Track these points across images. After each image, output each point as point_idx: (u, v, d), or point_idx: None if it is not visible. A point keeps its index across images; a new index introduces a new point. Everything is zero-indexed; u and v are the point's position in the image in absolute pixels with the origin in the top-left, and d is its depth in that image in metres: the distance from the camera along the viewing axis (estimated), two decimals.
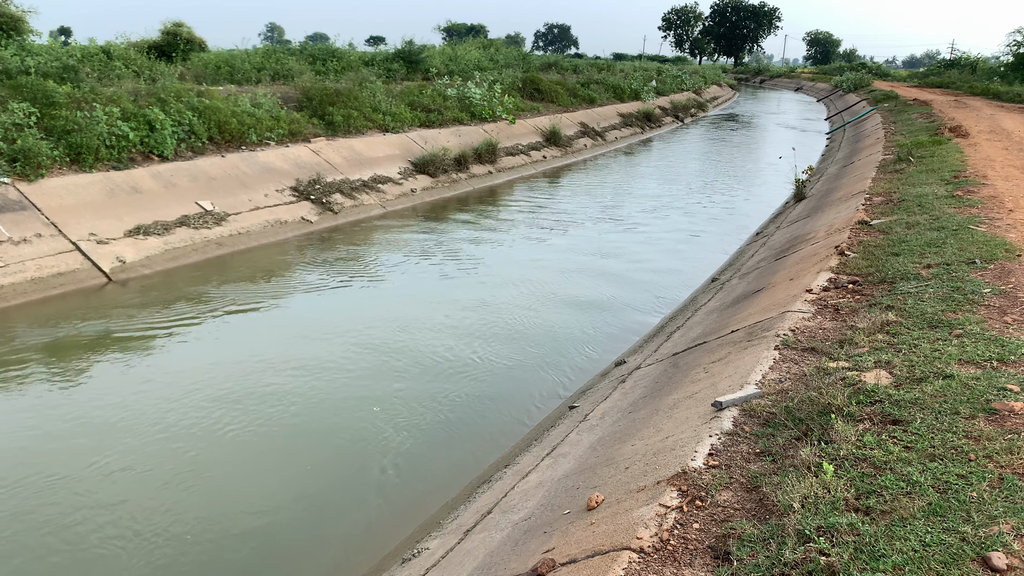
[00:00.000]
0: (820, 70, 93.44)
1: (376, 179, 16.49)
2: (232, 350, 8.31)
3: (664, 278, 11.60)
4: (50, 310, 9.17)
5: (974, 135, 18.04)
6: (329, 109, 18.01)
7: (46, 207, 10.66)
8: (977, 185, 11.05)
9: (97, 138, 12.07)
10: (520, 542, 4.02)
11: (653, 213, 16.59)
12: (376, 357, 8.13)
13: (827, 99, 53.11)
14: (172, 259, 11.18)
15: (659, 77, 46.59)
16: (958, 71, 49.85)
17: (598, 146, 27.47)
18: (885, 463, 3.56)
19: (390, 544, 5.21)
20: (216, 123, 14.60)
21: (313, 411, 6.90)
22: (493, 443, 6.57)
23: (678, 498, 3.60)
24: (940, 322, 5.39)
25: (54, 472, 5.81)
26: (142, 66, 17.19)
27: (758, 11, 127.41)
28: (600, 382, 7.54)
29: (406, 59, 27.25)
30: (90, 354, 8.06)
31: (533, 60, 37.99)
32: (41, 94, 12.10)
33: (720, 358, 5.92)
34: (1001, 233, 8.00)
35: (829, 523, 3.10)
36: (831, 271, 7.41)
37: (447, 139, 20.13)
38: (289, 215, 13.70)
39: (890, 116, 26.93)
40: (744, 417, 4.38)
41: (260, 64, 22.31)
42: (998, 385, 4.26)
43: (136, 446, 6.21)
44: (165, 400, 6.97)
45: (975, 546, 2.90)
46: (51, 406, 6.87)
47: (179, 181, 12.84)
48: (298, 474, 5.95)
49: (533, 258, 12.48)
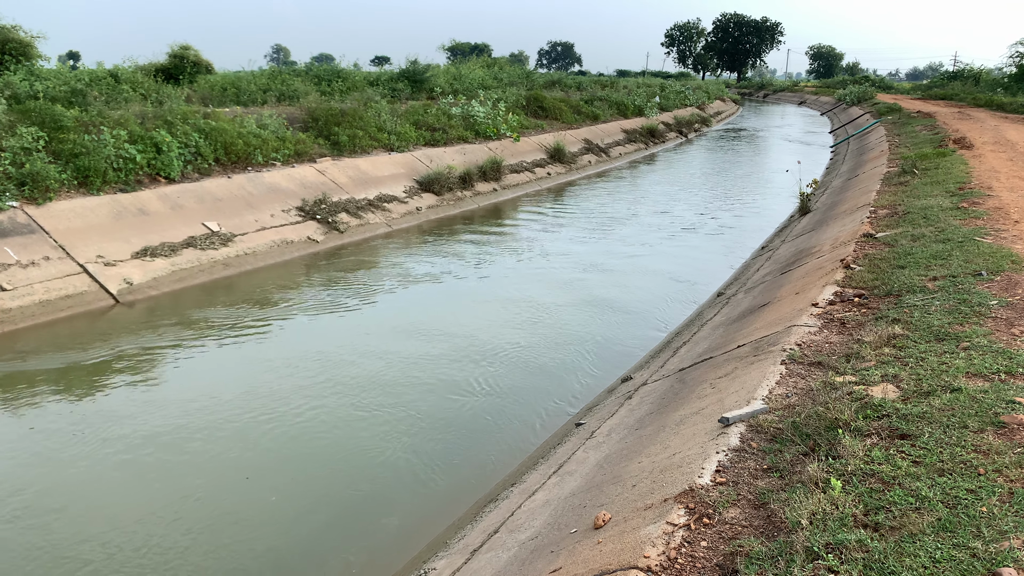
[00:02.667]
0: (823, 84, 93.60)
1: (381, 198, 16.56)
2: (239, 372, 8.33)
3: (670, 293, 11.59)
4: (58, 332, 9.21)
5: (978, 147, 18.02)
6: (334, 129, 18.11)
7: (54, 230, 10.74)
8: (982, 197, 11.02)
9: (104, 161, 12.18)
10: (527, 562, 4.00)
11: (658, 228, 16.60)
12: (382, 376, 8.12)
13: (831, 112, 53.19)
14: (179, 280, 11.23)
15: (662, 93, 46.75)
16: (961, 83, 49.83)
17: (602, 162, 27.54)
18: (894, 478, 3.54)
19: (397, 565, 5.19)
20: (222, 144, 14.71)
21: (318, 431, 6.90)
22: (500, 461, 6.55)
23: (685, 516, 3.58)
24: (947, 335, 5.36)
25: (58, 497, 5.81)
26: (149, 89, 17.35)
27: (760, 26, 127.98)
28: (607, 398, 7.52)
29: (411, 78, 27.43)
30: (98, 376, 8.08)
31: (537, 78, 38.20)
32: (49, 118, 12.22)
33: (726, 373, 5.90)
34: (1007, 244, 7.98)
35: (838, 540, 3.08)
36: (837, 284, 7.39)
37: (452, 157, 20.22)
38: (295, 235, 13.76)
39: (894, 128, 26.94)
40: (751, 433, 4.36)
41: (266, 85, 22.49)
42: (1006, 398, 4.23)
43: (141, 470, 6.21)
44: (171, 423, 6.98)
45: (986, 562, 2.87)
46: (58, 429, 6.88)
47: (186, 203, 12.93)
48: (304, 496, 5.94)
49: (538, 275, 12.49)
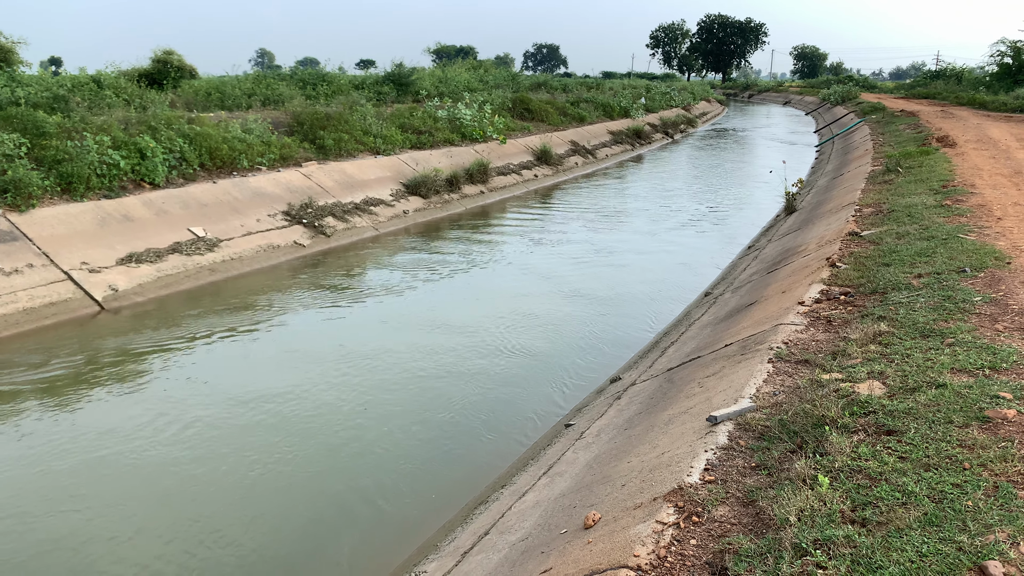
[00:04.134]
0: (808, 84, 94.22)
1: (368, 201, 16.52)
2: (226, 377, 8.28)
3: (657, 293, 11.62)
4: (43, 340, 9.13)
5: (961, 145, 18.18)
6: (320, 133, 18.06)
7: (37, 237, 10.65)
8: (965, 194, 11.13)
9: (88, 167, 12.08)
10: (518, 563, 4.00)
11: (644, 228, 16.65)
12: (370, 379, 8.10)
13: (815, 112, 53.55)
14: (165, 286, 11.15)
15: (648, 94, 46.95)
16: (944, 82, 50.25)
17: (589, 164, 27.60)
18: (880, 474, 3.56)
19: (387, 568, 5.17)
20: (207, 149, 14.62)
21: (307, 435, 6.87)
22: (490, 463, 6.54)
23: (675, 514, 3.59)
24: (932, 331, 5.41)
25: (43, 506, 5.75)
26: (132, 94, 17.26)
27: (745, 27, 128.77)
28: (595, 399, 7.52)
29: (396, 82, 27.42)
30: (83, 384, 8.01)
31: (523, 80, 38.30)
32: (31, 124, 12.12)
33: (714, 372, 5.92)
34: (990, 241, 8.05)
35: (825, 536, 3.10)
36: (823, 283, 7.43)
37: (438, 160, 20.21)
38: (281, 239, 13.70)
39: (878, 128, 27.14)
40: (739, 431, 4.38)
41: (250, 90, 22.44)
42: (991, 393, 4.27)
43: (128, 477, 6.17)
44: (158, 430, 6.93)
45: (972, 555, 2.90)
46: (44, 437, 6.81)
47: (171, 208, 12.85)
48: (294, 499, 5.91)
49: (525, 277, 12.49)
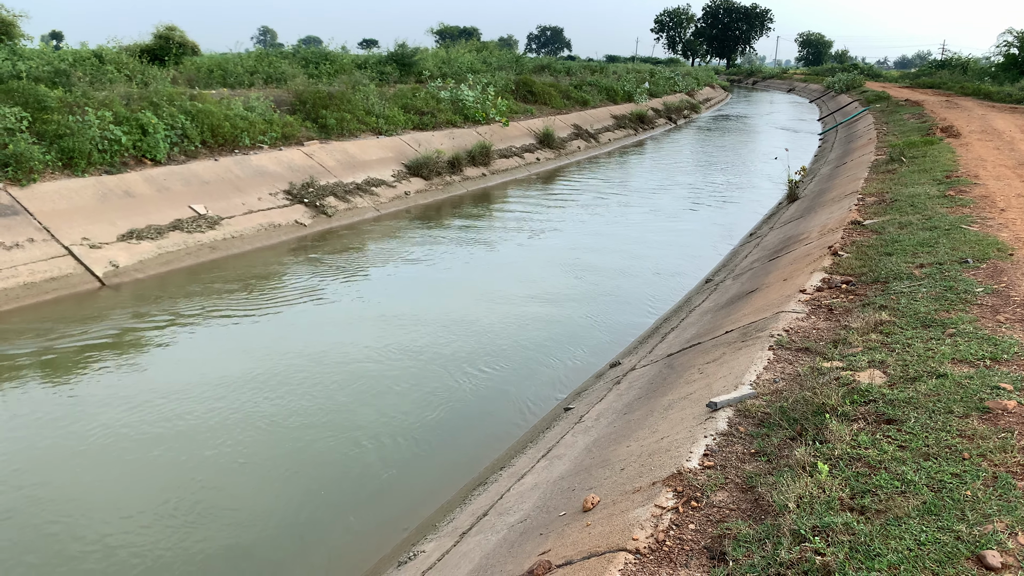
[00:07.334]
0: (812, 71, 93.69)
1: (370, 182, 16.47)
2: (225, 355, 8.29)
3: (658, 279, 11.62)
4: (43, 315, 9.13)
5: (965, 135, 18.12)
6: (322, 112, 17.97)
7: (38, 212, 10.62)
8: (969, 185, 11.10)
9: (89, 142, 12.03)
10: (516, 544, 4.02)
11: (646, 214, 16.62)
12: (370, 361, 8.11)
13: (819, 100, 53.29)
14: (166, 263, 11.14)
15: (652, 79, 46.65)
16: (949, 72, 50.05)
17: (591, 148, 27.50)
18: (879, 462, 3.58)
19: (386, 547, 5.20)
20: (209, 127, 14.56)
21: (308, 415, 6.89)
22: (488, 445, 6.57)
23: (674, 499, 3.60)
24: (933, 321, 5.41)
25: (44, 481, 5.78)
26: (134, 70, 17.15)
27: (750, 13, 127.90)
28: (595, 383, 7.54)
29: (399, 62, 27.24)
30: (84, 360, 8.02)
31: (526, 62, 38.00)
32: (33, 98, 12.05)
33: (715, 359, 5.93)
34: (993, 232, 8.04)
35: (824, 523, 3.11)
36: (824, 271, 7.43)
37: (440, 142, 20.13)
38: (282, 218, 13.68)
39: (882, 117, 27.03)
40: (739, 417, 4.39)
41: (253, 68, 22.29)
42: (991, 384, 4.28)
43: (129, 454, 6.19)
44: (159, 407, 6.95)
45: (970, 545, 2.91)
46: (44, 413, 6.83)
47: (172, 185, 12.81)
48: (294, 478, 5.94)
49: (526, 260, 12.48)
